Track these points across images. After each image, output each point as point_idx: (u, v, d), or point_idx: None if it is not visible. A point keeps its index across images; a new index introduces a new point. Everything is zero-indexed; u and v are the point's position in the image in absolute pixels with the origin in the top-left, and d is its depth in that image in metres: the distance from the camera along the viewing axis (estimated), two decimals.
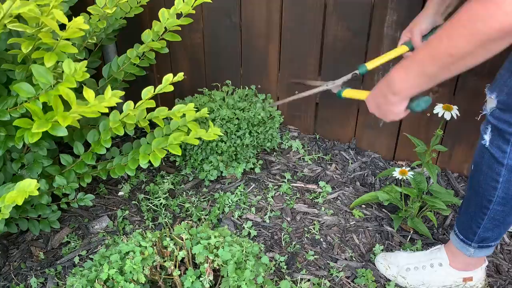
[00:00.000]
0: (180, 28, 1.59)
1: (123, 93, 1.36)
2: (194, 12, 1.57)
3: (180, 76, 1.34)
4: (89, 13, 1.47)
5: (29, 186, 1.07)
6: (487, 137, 1.14)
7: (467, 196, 1.31)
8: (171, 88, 1.35)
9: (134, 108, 1.36)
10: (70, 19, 1.17)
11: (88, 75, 1.21)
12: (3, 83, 1.35)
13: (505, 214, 1.22)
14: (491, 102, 1.11)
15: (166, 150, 1.40)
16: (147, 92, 1.34)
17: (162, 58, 2.03)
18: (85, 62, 1.19)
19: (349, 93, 1.36)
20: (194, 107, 1.76)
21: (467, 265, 1.38)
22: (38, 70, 1.17)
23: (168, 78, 1.34)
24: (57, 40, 1.19)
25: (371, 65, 1.40)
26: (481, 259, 1.39)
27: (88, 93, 1.13)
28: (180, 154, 1.38)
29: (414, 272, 1.43)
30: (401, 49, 1.37)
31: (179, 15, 1.57)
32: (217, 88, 1.95)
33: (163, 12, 1.54)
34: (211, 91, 1.88)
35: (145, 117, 1.43)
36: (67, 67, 1.17)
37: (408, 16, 1.63)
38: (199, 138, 1.72)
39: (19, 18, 1.16)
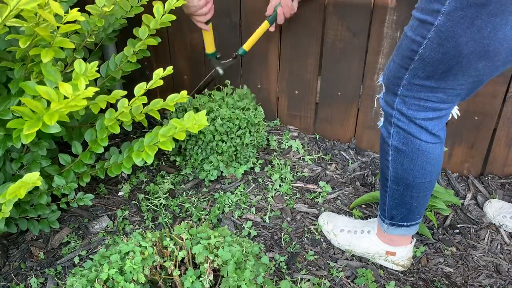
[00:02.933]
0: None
1: (125, 92, 1.37)
2: None
3: (169, 70, 1.36)
4: (89, 13, 1.47)
5: (31, 178, 1.06)
6: (382, 119, 1.26)
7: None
8: (161, 83, 1.37)
9: (128, 105, 1.37)
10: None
11: (98, 75, 1.25)
12: (3, 83, 1.35)
13: (400, 194, 1.31)
14: (381, 87, 1.22)
15: (157, 146, 1.40)
16: (140, 88, 1.36)
17: (162, 58, 2.04)
18: (96, 62, 1.23)
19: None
20: (194, 107, 1.78)
21: (391, 240, 1.45)
22: (47, 68, 1.19)
23: (158, 72, 1.36)
24: (54, 34, 1.20)
25: (247, 46, 1.74)
26: (407, 238, 1.45)
27: (65, 87, 1.10)
28: (170, 150, 1.38)
29: (346, 234, 1.54)
30: (264, 24, 1.67)
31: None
32: (217, 88, 1.95)
33: (157, 8, 1.52)
34: (211, 91, 1.88)
35: (141, 112, 1.44)
36: (78, 66, 1.20)
37: (408, 16, 1.63)
38: (197, 138, 1.73)
39: (18, 16, 1.16)
